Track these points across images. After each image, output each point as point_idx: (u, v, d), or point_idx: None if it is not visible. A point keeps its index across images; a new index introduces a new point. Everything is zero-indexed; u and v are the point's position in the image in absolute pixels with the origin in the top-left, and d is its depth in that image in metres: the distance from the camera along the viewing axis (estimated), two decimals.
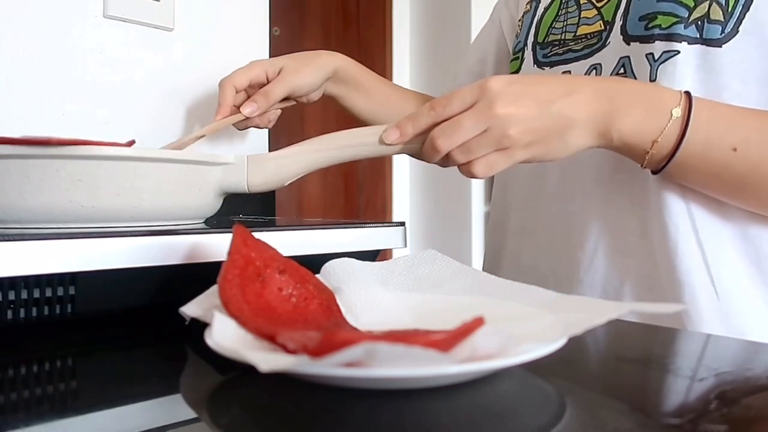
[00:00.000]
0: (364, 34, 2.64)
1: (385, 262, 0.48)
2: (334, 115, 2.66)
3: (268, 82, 0.73)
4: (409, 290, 0.44)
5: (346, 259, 0.47)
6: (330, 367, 0.27)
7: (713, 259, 0.58)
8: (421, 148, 0.54)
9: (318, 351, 0.29)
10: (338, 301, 0.41)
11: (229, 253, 0.37)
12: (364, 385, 0.30)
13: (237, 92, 0.72)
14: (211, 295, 0.38)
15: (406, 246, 0.61)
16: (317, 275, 0.43)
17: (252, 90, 0.74)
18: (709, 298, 0.57)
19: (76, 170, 0.46)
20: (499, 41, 0.85)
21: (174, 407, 0.32)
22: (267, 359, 0.27)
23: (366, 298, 0.41)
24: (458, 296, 0.43)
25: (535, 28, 0.72)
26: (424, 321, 0.38)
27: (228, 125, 0.72)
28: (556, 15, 0.70)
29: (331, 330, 0.35)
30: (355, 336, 0.33)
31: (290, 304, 0.38)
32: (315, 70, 0.75)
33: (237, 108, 0.72)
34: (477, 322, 0.30)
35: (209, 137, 0.82)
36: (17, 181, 0.46)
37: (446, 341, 0.30)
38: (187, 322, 0.37)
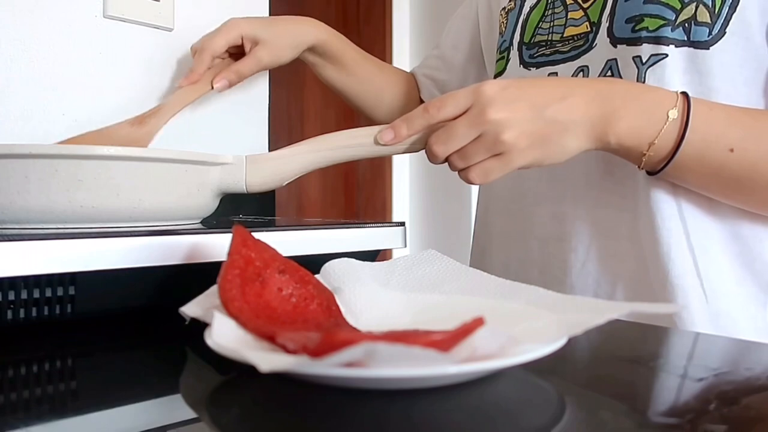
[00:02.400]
0: (364, 34, 2.63)
1: (385, 262, 0.48)
2: (334, 115, 2.66)
3: (242, 45, 0.73)
4: (409, 290, 0.44)
5: (345, 259, 0.47)
6: (330, 367, 0.27)
7: (702, 262, 0.58)
8: (417, 148, 0.55)
9: (318, 351, 0.29)
10: (338, 301, 0.41)
11: (229, 254, 0.37)
12: (363, 385, 0.30)
13: (214, 59, 0.72)
14: (211, 295, 0.38)
15: (406, 246, 0.61)
16: (317, 275, 0.43)
17: (225, 54, 0.74)
18: (699, 300, 0.57)
19: (76, 170, 0.46)
20: (474, 31, 0.85)
21: (174, 407, 0.32)
22: (267, 359, 0.27)
23: (366, 298, 0.41)
24: (458, 296, 0.43)
25: (521, 27, 0.72)
26: (423, 321, 0.38)
27: (195, 100, 0.72)
28: (543, 15, 0.69)
29: (331, 330, 0.35)
30: (354, 336, 0.33)
31: (290, 305, 0.38)
32: (291, 48, 0.75)
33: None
34: (477, 323, 0.30)
35: (209, 133, 0.82)
36: (17, 181, 0.46)
37: (446, 341, 0.30)
38: (187, 322, 0.37)
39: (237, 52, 0.75)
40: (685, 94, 0.53)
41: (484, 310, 0.33)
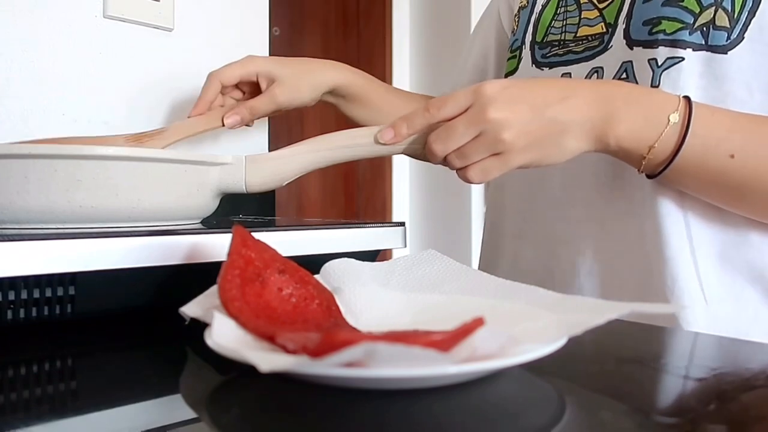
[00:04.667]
0: (364, 34, 2.63)
1: (385, 262, 0.48)
2: (334, 115, 2.65)
3: (257, 82, 0.71)
4: (409, 290, 0.44)
5: (345, 259, 0.47)
6: (330, 367, 0.27)
7: (703, 267, 0.57)
8: (417, 148, 0.55)
9: (318, 351, 0.29)
10: (338, 302, 0.41)
11: (229, 254, 0.37)
12: (363, 385, 0.30)
13: (223, 87, 0.70)
14: (211, 295, 0.38)
15: (406, 246, 0.61)
16: (316, 275, 0.43)
17: (241, 86, 0.72)
18: (700, 305, 0.57)
19: (75, 170, 0.46)
20: (500, 34, 0.84)
21: (174, 407, 0.32)
22: (267, 359, 0.27)
23: (366, 298, 0.41)
24: (458, 296, 0.43)
25: (533, 26, 0.71)
26: (423, 321, 0.38)
27: (201, 133, 0.69)
28: (555, 13, 0.69)
29: (331, 330, 0.36)
30: (354, 336, 0.33)
31: (290, 305, 0.38)
32: (309, 90, 0.72)
33: (217, 103, 0.71)
34: (477, 323, 0.30)
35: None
36: (16, 181, 0.46)
37: (446, 341, 0.30)
38: (187, 323, 0.37)
39: (251, 92, 0.73)
40: (687, 98, 0.52)
41: (484, 310, 0.33)
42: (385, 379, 0.29)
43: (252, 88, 0.73)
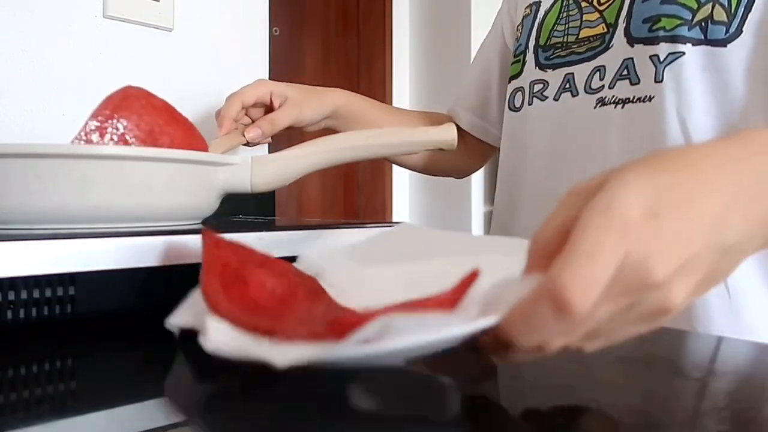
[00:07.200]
0: (364, 34, 2.63)
1: (360, 240, 0.46)
2: None
3: (271, 104, 0.74)
4: (392, 263, 0.43)
5: (320, 244, 0.46)
6: (351, 347, 0.26)
7: None
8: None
9: (333, 336, 0.28)
10: (325, 286, 0.40)
11: (204, 260, 0.36)
12: (392, 359, 0.28)
13: (243, 108, 0.72)
14: (196, 300, 0.38)
15: None
16: (294, 263, 0.43)
17: (255, 109, 0.75)
18: (721, 296, 0.57)
19: (89, 170, 0.46)
20: (503, 51, 0.85)
21: (173, 407, 0.32)
22: (280, 353, 0.26)
23: (353, 279, 0.41)
24: (443, 259, 0.40)
25: (537, 31, 0.73)
26: (416, 290, 0.37)
27: (229, 150, 0.71)
28: (557, 18, 0.71)
29: (336, 314, 0.35)
30: (363, 315, 0.32)
31: (276, 298, 0.38)
32: (318, 107, 0.76)
33: (238, 123, 0.73)
34: (473, 275, 0.30)
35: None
36: (29, 181, 0.45)
37: (450, 300, 0.29)
38: (176, 335, 0.37)
39: (259, 116, 0.75)
40: None
41: (474, 265, 0.32)
42: (413, 348, 0.27)
43: (258, 113, 0.75)
